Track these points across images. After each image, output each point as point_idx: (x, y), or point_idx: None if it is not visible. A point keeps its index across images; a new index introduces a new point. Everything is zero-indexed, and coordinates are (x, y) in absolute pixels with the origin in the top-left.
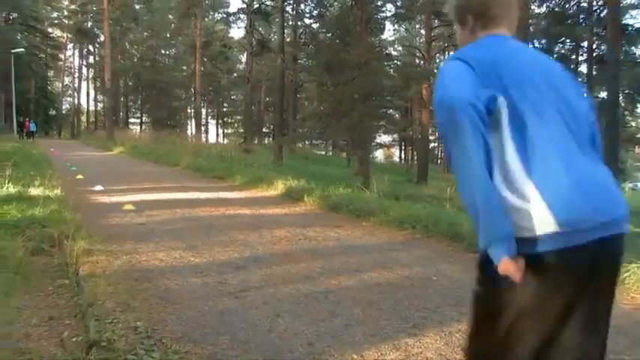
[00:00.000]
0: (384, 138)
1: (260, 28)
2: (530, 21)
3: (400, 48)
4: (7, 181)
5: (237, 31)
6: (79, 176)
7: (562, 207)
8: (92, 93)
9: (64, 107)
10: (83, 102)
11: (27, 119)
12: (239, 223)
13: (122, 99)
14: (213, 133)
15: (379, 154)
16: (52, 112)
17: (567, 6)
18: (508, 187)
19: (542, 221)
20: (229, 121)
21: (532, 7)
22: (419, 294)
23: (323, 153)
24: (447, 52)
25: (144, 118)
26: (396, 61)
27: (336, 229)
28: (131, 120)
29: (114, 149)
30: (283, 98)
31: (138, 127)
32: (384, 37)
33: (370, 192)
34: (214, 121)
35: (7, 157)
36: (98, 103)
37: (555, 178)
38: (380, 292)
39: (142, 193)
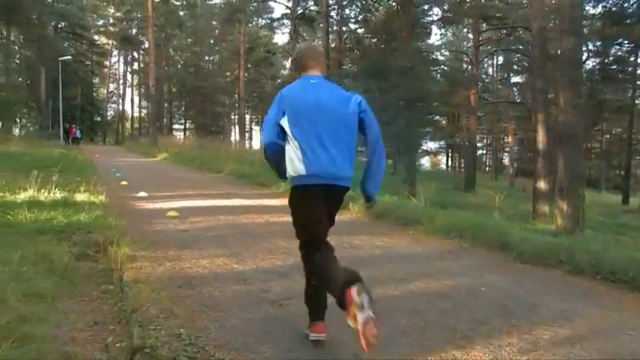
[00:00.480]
0: (430, 145)
1: (304, 34)
2: (584, 22)
3: (447, 53)
4: (53, 187)
5: (281, 37)
6: (124, 182)
7: (310, 170)
8: (136, 99)
9: (108, 113)
10: (127, 108)
11: (73, 125)
12: (283, 231)
13: (166, 105)
14: (256, 140)
15: (426, 162)
16: (97, 119)
17: (626, 4)
18: (297, 157)
19: (304, 172)
20: None
21: (587, 7)
22: (466, 305)
23: None
24: (495, 57)
25: (187, 124)
26: (442, 66)
27: (381, 237)
28: (175, 126)
29: (157, 155)
30: None
31: (181, 134)
32: (430, 41)
33: (416, 200)
34: (258, 128)
35: (53, 163)
36: (142, 110)
37: (309, 159)
38: (426, 302)
39: (186, 199)
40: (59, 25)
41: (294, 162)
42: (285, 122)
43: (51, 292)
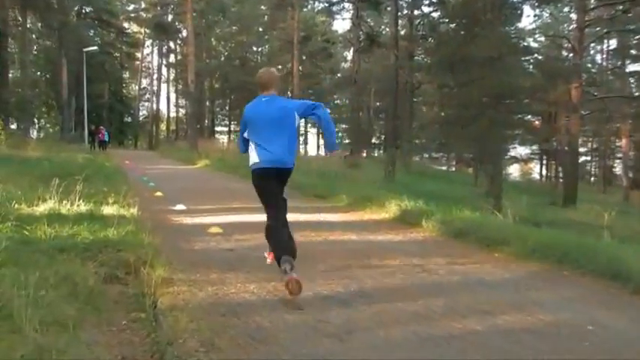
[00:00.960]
0: (520, 150)
1: (369, 20)
2: None
3: (542, 38)
4: (77, 198)
5: (341, 24)
6: (158, 193)
7: (262, 159)
8: (173, 97)
9: (140, 113)
10: (162, 107)
11: (100, 127)
12: (344, 251)
13: (207, 104)
14: (313, 144)
15: (514, 170)
16: (127, 119)
17: None
18: (255, 152)
19: (259, 160)
20: None
21: None
22: (569, 347)
23: (444, 168)
24: (605, 41)
25: (232, 127)
26: (536, 55)
27: (461, 260)
28: (217, 128)
29: (197, 162)
30: (397, 103)
31: (225, 137)
32: (521, 25)
33: (503, 216)
34: (315, 130)
35: (77, 170)
36: (180, 109)
37: (262, 152)
38: (516, 342)
39: (231, 213)
40: (83, 11)
41: (252, 155)
42: (246, 133)
43: (73, 319)
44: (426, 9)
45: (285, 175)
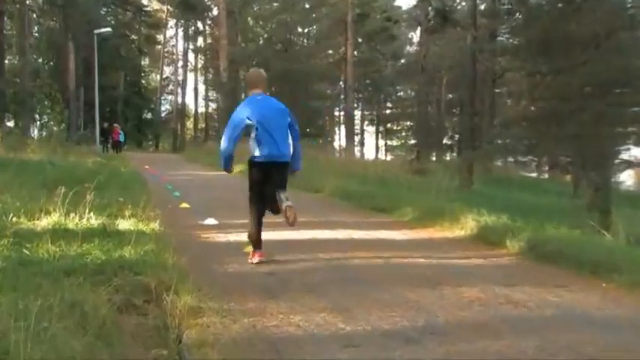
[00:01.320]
0: (635, 152)
1: None
2: None
3: None
4: (87, 210)
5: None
6: (184, 205)
7: (263, 154)
8: (202, 89)
9: (163, 108)
10: (189, 101)
11: (114, 125)
12: (409, 277)
13: (243, 96)
14: (371, 146)
15: (627, 178)
16: (147, 115)
17: None
18: (257, 147)
19: (260, 155)
20: (395, 127)
21: None
22: None
23: (534, 175)
24: None
25: None
26: None
27: (556, 290)
28: None
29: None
30: (474, 94)
31: None
32: None
33: (612, 236)
34: (373, 129)
35: (87, 177)
36: (210, 103)
37: (262, 148)
38: None
39: (271, 229)
40: None
41: (255, 149)
42: (249, 124)
43: (81, 356)
44: None
45: (283, 167)
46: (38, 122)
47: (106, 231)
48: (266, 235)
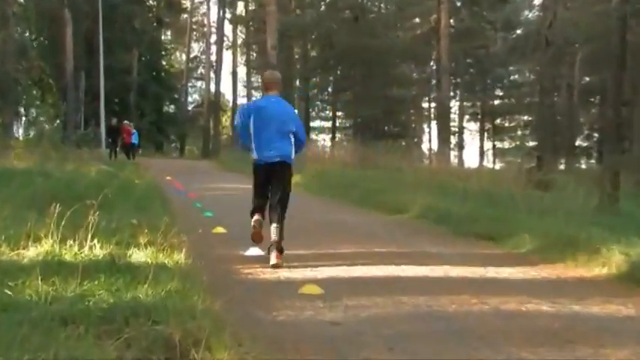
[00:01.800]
0: None
1: None
2: None
3: None
4: (89, 237)
5: None
6: (219, 229)
7: (259, 155)
8: (242, 72)
9: (190, 100)
10: (226, 90)
11: (125, 122)
12: (529, 332)
13: (298, 83)
14: (473, 149)
15: None
16: (169, 109)
17: None
18: (253, 148)
19: (257, 157)
20: (507, 124)
21: None
22: None
23: None
24: None
25: (338, 120)
26: None
27: None
28: (315, 123)
29: None
30: (622, 77)
31: (326, 137)
32: None
33: None
34: (476, 126)
35: (90, 192)
36: (254, 92)
37: (259, 149)
38: None
39: (336, 263)
40: None
41: (253, 150)
42: (251, 124)
43: None
44: None
45: (283, 167)
46: (24, 118)
47: (115, 264)
48: (331, 271)
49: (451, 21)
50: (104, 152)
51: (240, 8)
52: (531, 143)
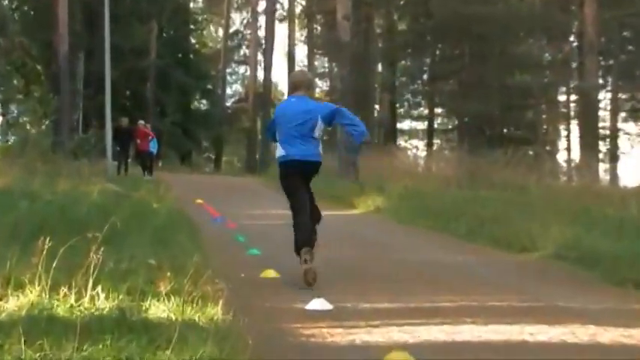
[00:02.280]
0: None
1: None
2: None
3: None
4: (90, 283)
5: None
6: (269, 273)
7: (286, 152)
8: (301, 53)
9: (229, 91)
10: (279, 78)
11: (141, 123)
12: None
13: (380, 68)
14: (632, 160)
15: None
16: (200, 104)
17: None
18: (280, 146)
19: (283, 154)
20: None
21: None
22: None
23: None
24: None
25: (437, 122)
26: None
27: None
28: (402, 125)
29: (357, 202)
30: None
31: (420, 144)
32: None
33: None
34: (638, 127)
35: (92, 220)
36: (318, 81)
37: (285, 147)
38: None
39: (433, 321)
40: None
41: (277, 149)
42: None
43: None
44: None
45: (310, 168)
46: (1, 117)
47: (126, 321)
48: (427, 332)
49: None
50: (111, 164)
51: None
52: None
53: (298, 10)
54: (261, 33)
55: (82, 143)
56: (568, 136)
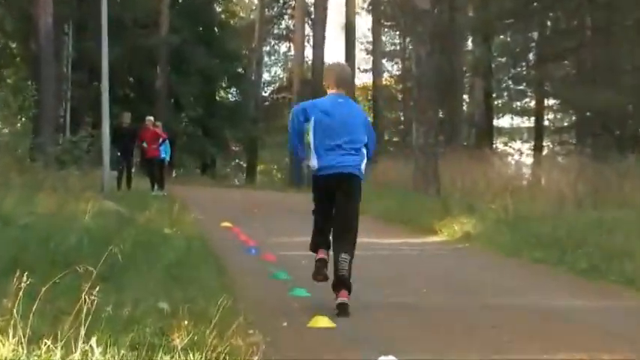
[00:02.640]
0: None
1: None
2: None
3: None
4: (82, 332)
5: None
6: (320, 321)
7: (321, 165)
8: (363, 25)
9: (266, 76)
10: (332, 59)
11: (148, 121)
12: None
13: (470, 44)
14: None
15: None
16: (227, 94)
17: None
18: (314, 157)
19: (317, 166)
20: None
21: None
22: None
23: None
24: None
25: (547, 118)
26: None
27: None
28: (500, 121)
29: (437, 226)
30: None
31: (525, 148)
32: None
33: None
34: None
35: (84, 251)
36: (386, 65)
37: (321, 159)
38: None
39: None
40: None
41: (313, 159)
42: (310, 132)
43: None
44: None
45: (347, 179)
46: None
47: None
48: None
49: None
50: (108, 175)
51: None
52: None
53: None
54: (309, 1)
55: (71, 147)
56: None
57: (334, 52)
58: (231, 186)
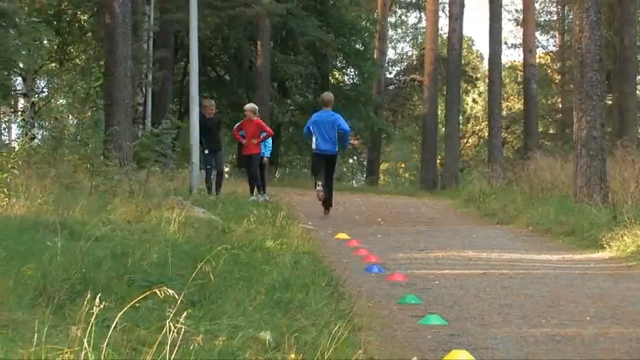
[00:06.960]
0: None
1: None
2: None
3: None
4: None
5: None
6: (459, 355)
7: (318, 148)
8: None
9: (391, 55)
10: (474, 32)
11: (248, 110)
12: None
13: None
14: None
15: None
16: (345, 76)
17: None
18: (315, 142)
19: (315, 147)
20: None
21: None
22: None
23: None
24: None
25: None
26: None
27: None
28: None
29: (604, 239)
30: None
31: None
32: None
33: None
34: None
35: (165, 269)
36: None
37: (319, 144)
38: None
39: None
40: None
41: (314, 143)
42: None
43: None
44: None
45: (331, 158)
46: (23, 100)
47: None
48: None
49: None
50: (195, 177)
51: None
52: None
53: None
54: None
55: (152, 141)
56: None
57: (474, 25)
58: (347, 188)
